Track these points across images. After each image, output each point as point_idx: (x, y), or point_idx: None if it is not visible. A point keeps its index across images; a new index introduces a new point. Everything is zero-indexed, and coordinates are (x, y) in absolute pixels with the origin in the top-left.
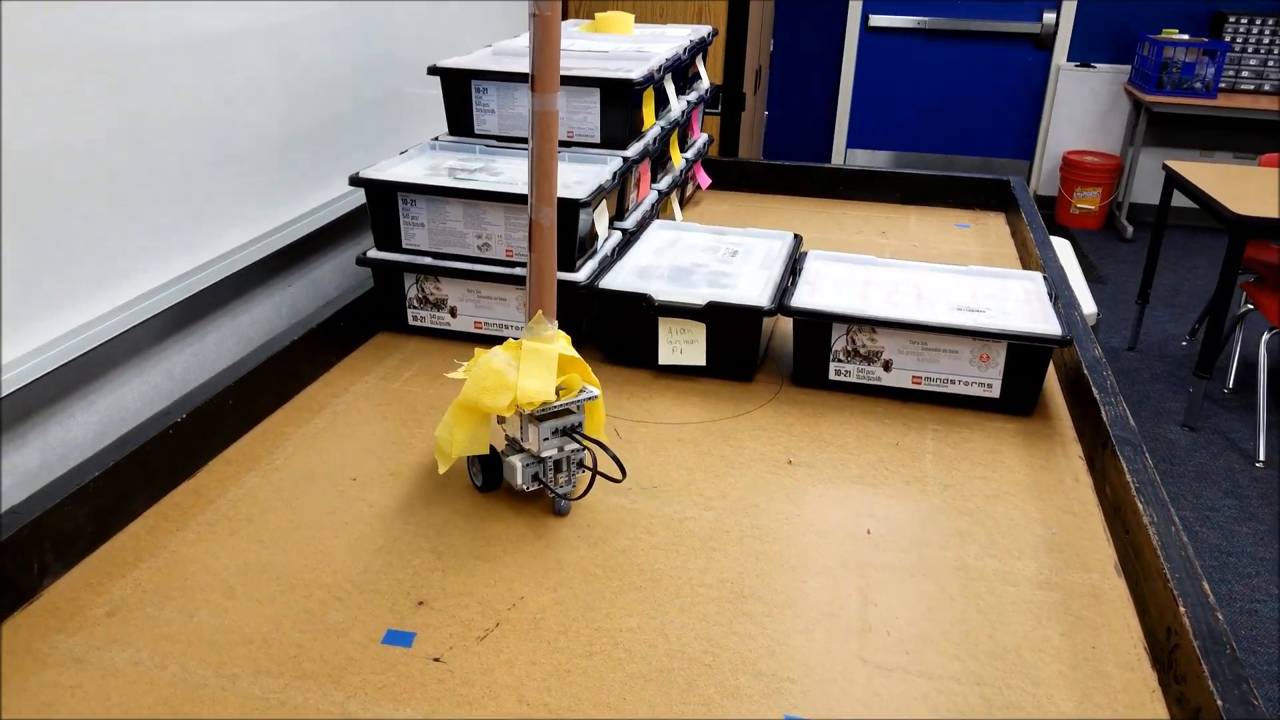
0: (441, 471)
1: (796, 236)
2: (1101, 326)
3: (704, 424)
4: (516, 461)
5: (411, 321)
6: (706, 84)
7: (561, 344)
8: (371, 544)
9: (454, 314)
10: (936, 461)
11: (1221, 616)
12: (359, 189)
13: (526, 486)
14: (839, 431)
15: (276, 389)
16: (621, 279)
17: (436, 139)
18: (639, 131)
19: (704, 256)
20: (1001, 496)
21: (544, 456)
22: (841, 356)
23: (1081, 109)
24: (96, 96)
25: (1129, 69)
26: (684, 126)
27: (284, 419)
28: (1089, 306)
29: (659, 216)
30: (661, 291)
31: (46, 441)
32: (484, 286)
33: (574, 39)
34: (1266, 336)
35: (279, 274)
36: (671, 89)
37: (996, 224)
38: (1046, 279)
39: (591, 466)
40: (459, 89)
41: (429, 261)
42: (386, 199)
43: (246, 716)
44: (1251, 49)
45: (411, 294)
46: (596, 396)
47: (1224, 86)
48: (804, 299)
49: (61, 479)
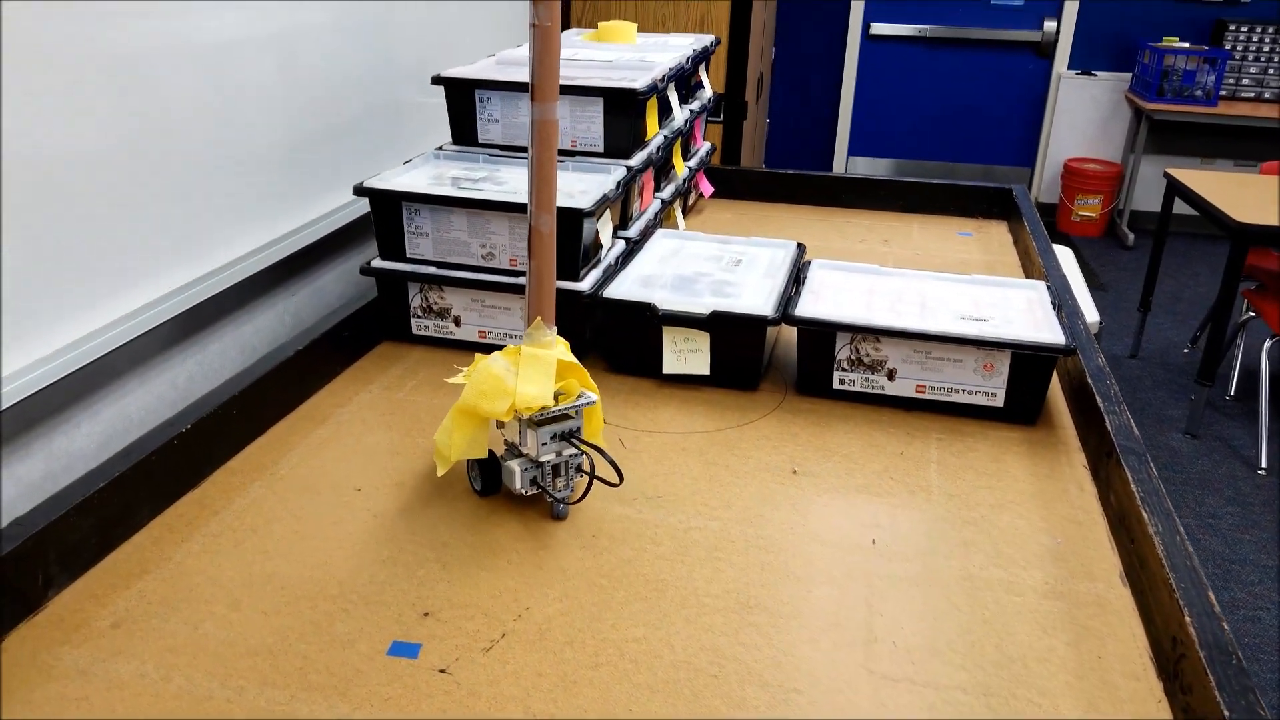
0: (440, 474)
1: (800, 245)
2: (1103, 334)
3: (708, 433)
4: (515, 466)
5: (415, 331)
6: (709, 93)
7: (560, 350)
8: (377, 555)
9: (458, 323)
10: (941, 471)
11: (1227, 626)
12: (362, 198)
13: (525, 491)
14: (843, 441)
15: (281, 399)
16: (625, 288)
17: (440, 148)
18: (642, 141)
19: (708, 265)
20: (1006, 506)
21: (542, 461)
22: (845, 365)
23: (1082, 117)
24: (100, 105)
25: (1130, 77)
26: (687, 135)
27: (288, 429)
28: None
29: (662, 225)
30: (665, 301)
31: (50, 451)
32: (488, 296)
33: (578, 48)
34: (1268, 344)
35: (282, 283)
36: (675, 98)
37: (999, 232)
38: (1050, 288)
39: (589, 471)
40: (463, 98)
41: (433, 271)
42: (391, 208)
43: None
44: (1252, 57)
45: (415, 303)
46: (594, 402)
47: (1224, 94)
48: (808, 308)
49: (66, 490)
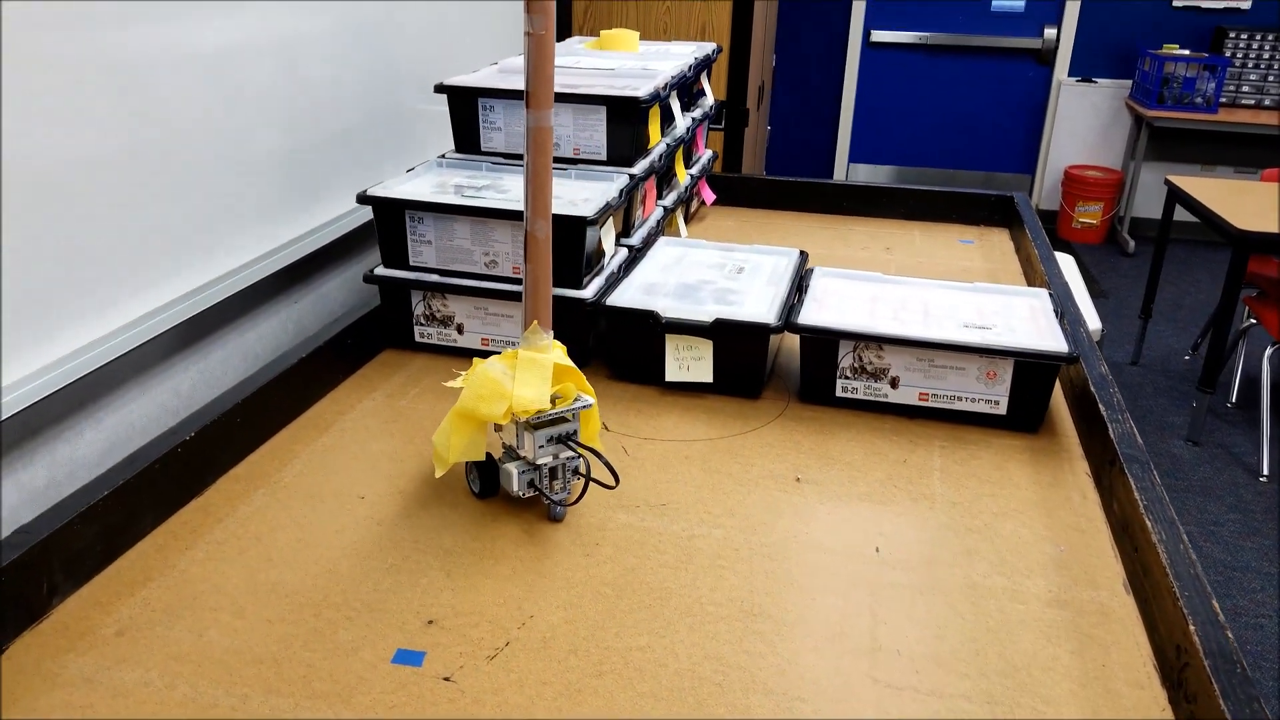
0: (438, 475)
1: (803, 253)
2: (1105, 341)
3: (711, 441)
4: (513, 469)
5: (418, 338)
6: (711, 100)
7: (557, 353)
8: (381, 562)
9: (461, 331)
10: (944, 479)
11: (1231, 634)
12: (365, 206)
13: (522, 493)
14: (846, 448)
15: (284, 406)
16: (628, 296)
17: (443, 156)
18: (645, 148)
19: (710, 273)
20: (1009, 514)
21: (540, 464)
22: (848, 373)
23: (1083, 124)
24: (102, 111)
25: (1130, 84)
26: (689, 143)
27: (291, 436)
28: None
29: (664, 233)
30: (668, 308)
31: (54, 459)
32: (491, 303)
33: (580, 56)
34: (1269, 351)
35: (285, 291)
36: (677, 106)
37: (1000, 240)
38: (1052, 296)
39: (586, 474)
40: (466, 106)
41: (436, 279)
42: (394, 216)
43: None
44: (1252, 64)
45: (418, 311)
46: (591, 405)
47: (1225, 101)
48: (811, 316)
49: (70, 497)
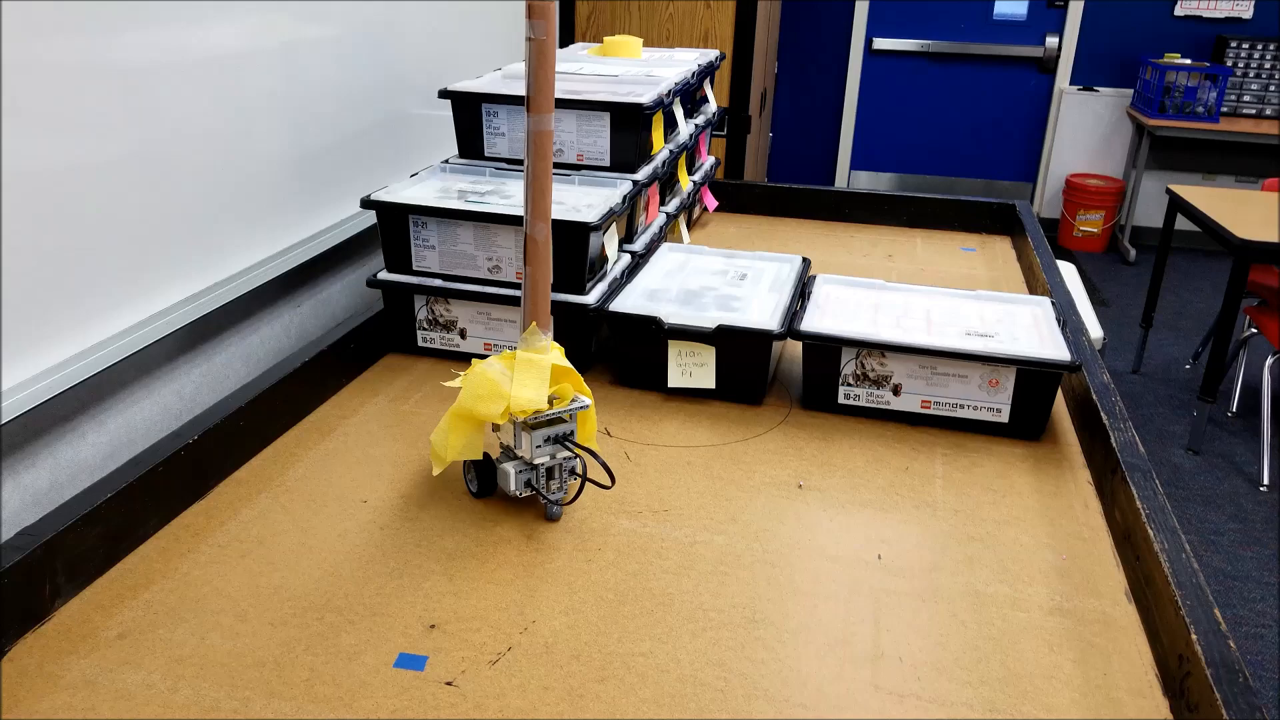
0: (435, 473)
1: (805, 260)
2: (1105, 350)
3: (714, 447)
4: (510, 468)
5: (421, 343)
6: (714, 107)
7: (554, 354)
8: (383, 566)
9: (463, 335)
10: (946, 486)
11: (1233, 643)
12: (367, 210)
13: (519, 493)
14: (849, 456)
15: (287, 410)
16: (631, 301)
17: (447, 161)
18: (648, 155)
19: (713, 279)
20: (1011, 522)
21: (537, 463)
22: (851, 380)
23: (1084, 132)
24: (107, 118)
25: (1131, 93)
26: (692, 150)
27: (294, 440)
28: (1095, 331)
29: (667, 239)
30: (671, 314)
31: (56, 462)
32: (494, 309)
33: (583, 62)
34: (1270, 360)
35: (288, 295)
36: (680, 113)
37: (1002, 247)
38: (1054, 304)
39: (582, 474)
40: (469, 112)
41: (439, 283)
42: (398, 221)
43: None
44: (1253, 74)
45: (421, 316)
46: (588, 406)
47: (1226, 111)
48: (813, 323)
49: (74, 500)
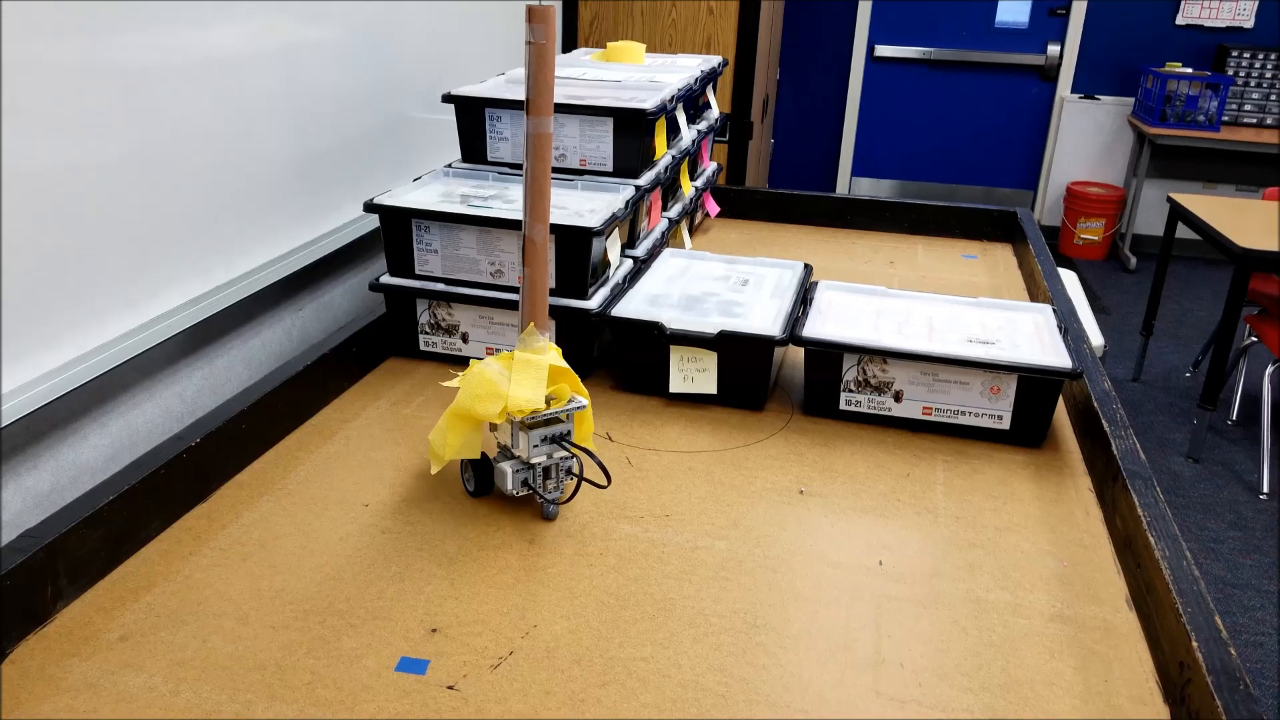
0: (434, 472)
1: (807, 266)
2: (1106, 357)
3: (715, 452)
4: (507, 468)
5: (423, 347)
6: (716, 113)
7: (552, 355)
8: (385, 570)
9: (465, 340)
10: (947, 493)
11: (1234, 652)
12: (369, 214)
13: (516, 492)
14: (850, 462)
15: (289, 413)
16: (633, 307)
17: (450, 165)
18: (651, 160)
19: (715, 285)
20: (1012, 528)
21: (534, 463)
22: (852, 386)
23: (1085, 140)
24: (110, 121)
25: (1133, 101)
26: (694, 155)
27: (296, 443)
28: (1096, 339)
29: (668, 245)
30: (673, 320)
31: (58, 464)
32: (496, 313)
33: (586, 68)
34: (1270, 369)
35: (290, 298)
36: (683, 118)
37: (1004, 255)
38: (1056, 311)
39: (578, 473)
40: (473, 116)
41: (442, 288)
42: (401, 225)
43: None
44: (1254, 83)
45: (423, 319)
46: (585, 406)
47: (1227, 120)
48: (815, 329)
49: (76, 502)
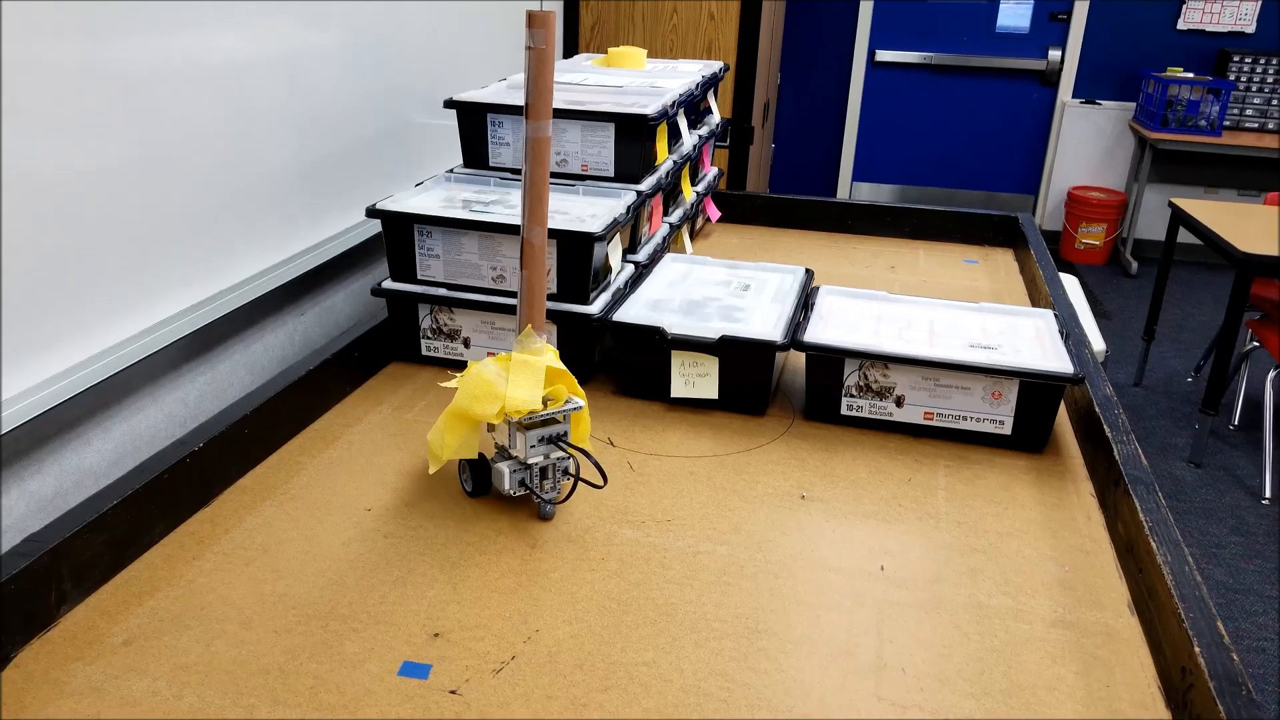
0: (431, 472)
1: (808, 271)
2: (1108, 362)
3: (717, 457)
4: (504, 468)
5: (425, 352)
6: (718, 118)
7: (549, 357)
8: (387, 575)
9: (467, 345)
10: (949, 498)
11: (1236, 656)
12: (371, 219)
13: (514, 492)
14: (851, 467)
15: (291, 418)
16: (634, 312)
17: (452, 171)
18: (652, 165)
19: (716, 290)
20: (1014, 534)
21: (531, 463)
22: (854, 391)
23: (1086, 145)
24: (113, 126)
25: (1134, 106)
26: (695, 160)
27: (299, 448)
28: (1097, 344)
29: (669, 250)
30: (674, 325)
31: (62, 468)
32: (497, 318)
33: (588, 73)
34: (1272, 374)
35: (292, 303)
36: (684, 124)
37: (1005, 260)
38: (1057, 316)
39: (575, 473)
40: (475, 122)
41: (443, 293)
42: (403, 230)
43: None
44: (1256, 88)
45: (425, 325)
46: (581, 407)
47: (1228, 125)
48: (817, 334)
49: (79, 507)
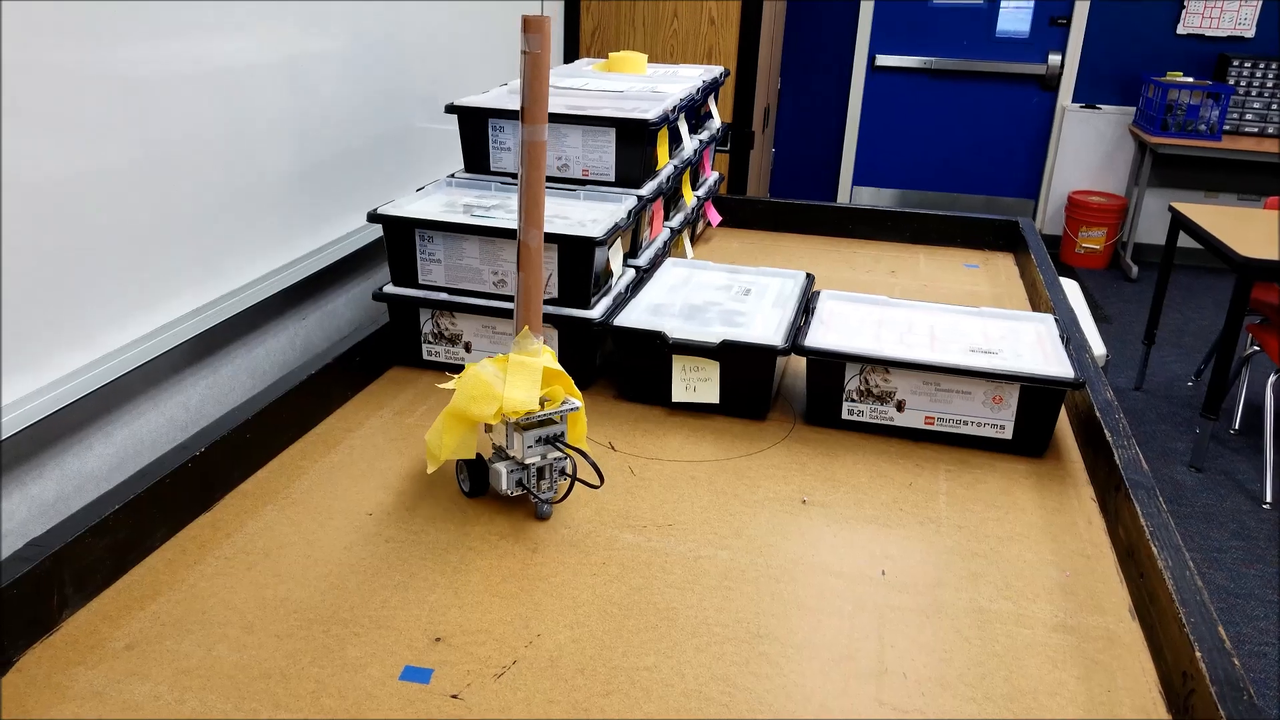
0: (429, 472)
1: (809, 276)
2: (1108, 367)
3: (718, 462)
4: (502, 468)
5: (426, 356)
6: (718, 123)
7: (546, 358)
8: (388, 579)
9: (468, 349)
10: (950, 502)
11: (1238, 662)
12: (372, 224)
13: (511, 492)
14: (852, 471)
15: (293, 423)
16: (636, 316)
17: (453, 175)
18: (653, 170)
19: (717, 295)
20: (1015, 538)
21: (528, 463)
22: (855, 396)
23: (1087, 149)
24: (114, 130)
25: (1134, 110)
26: (696, 165)
27: (300, 453)
28: (1098, 348)
29: (670, 254)
30: (675, 329)
31: (64, 473)
32: (499, 322)
33: (589, 78)
34: (1273, 378)
35: (293, 308)
36: (685, 128)
37: (1005, 264)
38: (1058, 321)
39: (572, 474)
40: (476, 127)
41: (444, 297)
42: (404, 235)
43: None
44: (1255, 92)
45: (427, 329)
46: (578, 408)
47: (1228, 129)
48: (817, 338)
49: (81, 511)
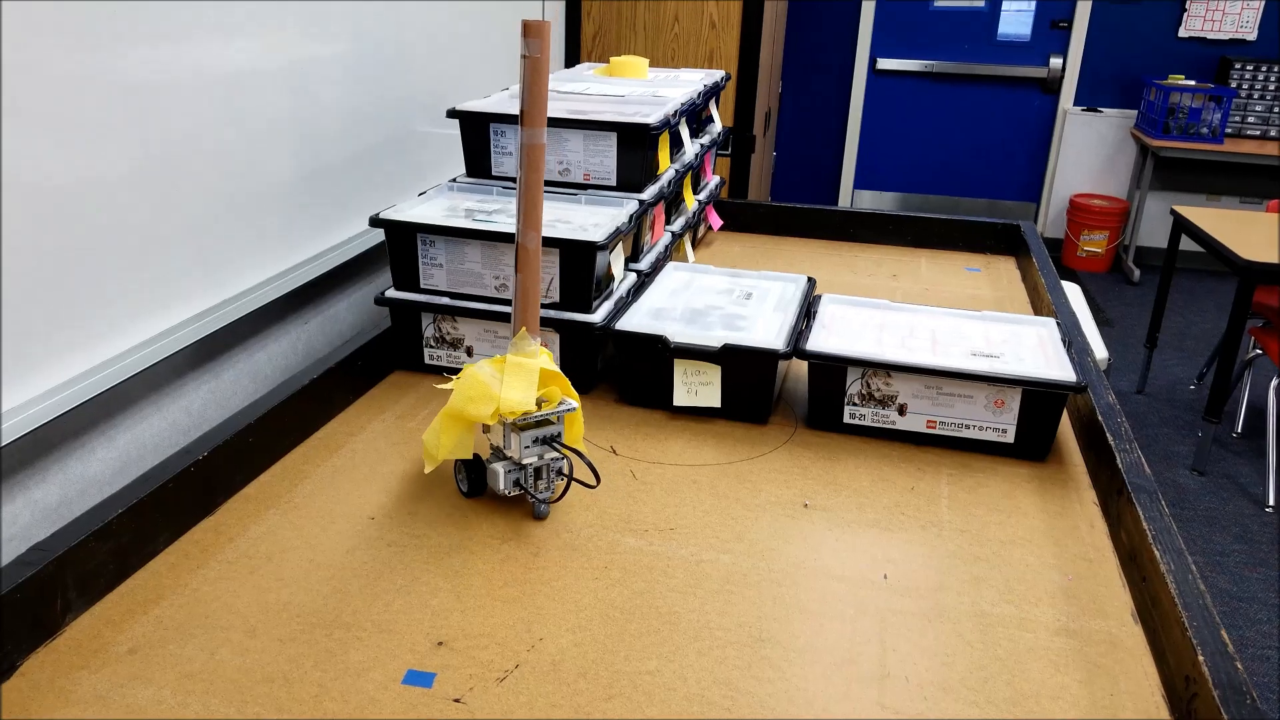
0: (427, 471)
1: (810, 279)
2: (1110, 370)
3: (719, 466)
4: (499, 468)
5: (428, 360)
6: (719, 127)
7: (543, 359)
8: (391, 583)
9: (470, 353)
10: (952, 506)
11: (1241, 665)
12: (374, 229)
13: (508, 492)
14: (854, 475)
15: (296, 427)
16: (637, 320)
17: (455, 180)
18: (654, 174)
19: (719, 299)
20: (1017, 542)
21: (525, 463)
22: (856, 400)
23: (1088, 153)
24: (117, 135)
25: (1135, 114)
26: (697, 169)
27: (302, 457)
28: (1100, 351)
29: (671, 258)
30: (677, 333)
31: (66, 477)
32: (500, 327)
33: (590, 82)
34: (1275, 381)
35: (296, 312)
36: (686, 133)
37: (1007, 268)
38: (1060, 325)
39: (569, 473)
40: (478, 131)
41: (446, 302)
42: (406, 240)
43: None
44: (1257, 95)
45: (429, 333)
46: (575, 408)
47: (1230, 132)
48: (819, 342)
49: (84, 516)
